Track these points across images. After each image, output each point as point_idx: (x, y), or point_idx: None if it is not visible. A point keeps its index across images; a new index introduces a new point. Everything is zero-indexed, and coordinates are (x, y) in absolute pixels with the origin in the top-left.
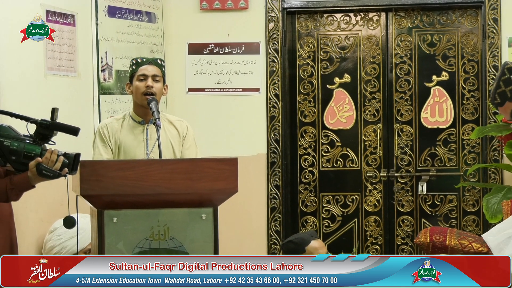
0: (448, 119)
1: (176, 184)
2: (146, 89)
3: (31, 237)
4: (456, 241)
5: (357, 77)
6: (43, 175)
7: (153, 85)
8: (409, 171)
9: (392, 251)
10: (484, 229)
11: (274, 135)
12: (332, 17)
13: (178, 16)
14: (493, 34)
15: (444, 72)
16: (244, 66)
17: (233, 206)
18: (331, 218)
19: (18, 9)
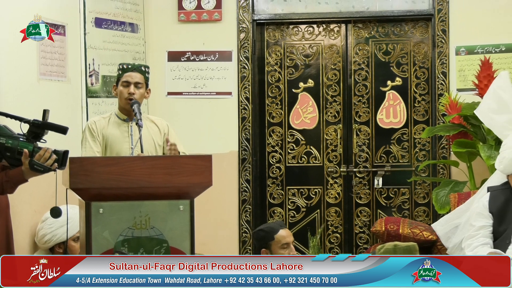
0: (401, 120)
1: (156, 179)
2: (128, 95)
3: (25, 226)
4: (409, 229)
5: (319, 82)
6: (35, 170)
7: (135, 92)
8: (366, 167)
9: (350, 239)
10: (433, 219)
11: (245, 134)
12: (297, 28)
13: (158, 26)
14: (442, 43)
15: (398, 78)
16: (218, 72)
17: (208, 199)
18: (296, 209)
19: (12, 20)
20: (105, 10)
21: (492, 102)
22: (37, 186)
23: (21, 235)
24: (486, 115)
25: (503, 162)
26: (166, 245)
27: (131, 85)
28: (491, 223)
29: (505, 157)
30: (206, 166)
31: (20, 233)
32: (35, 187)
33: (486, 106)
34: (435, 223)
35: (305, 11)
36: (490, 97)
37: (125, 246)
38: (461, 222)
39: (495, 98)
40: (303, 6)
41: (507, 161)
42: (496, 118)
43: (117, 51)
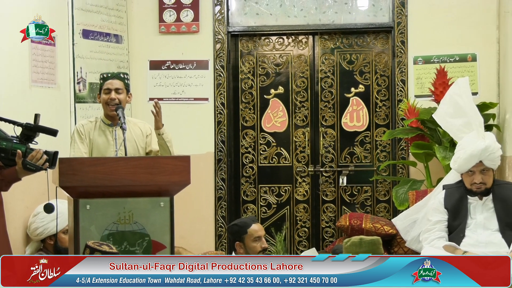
0: (364, 124)
1: (139, 177)
2: (110, 101)
3: (18, 221)
4: (371, 224)
5: (289, 89)
6: (28, 169)
7: (116, 97)
8: (332, 167)
9: (317, 233)
10: (393, 215)
11: (220, 137)
12: (269, 39)
13: (141, 38)
14: (401, 53)
15: (361, 85)
16: (195, 80)
17: (186, 196)
18: (267, 206)
19: (5, 30)
20: (92, 23)
21: (449, 107)
22: (28, 184)
23: (15, 229)
24: (443, 119)
25: (458, 161)
26: (148, 238)
27: (112, 91)
28: (446, 218)
29: (460, 157)
30: (184, 166)
31: (14, 227)
32: (27, 185)
33: (443, 110)
34: (395, 218)
35: (276, 24)
36: (447, 102)
37: (110, 240)
38: (419, 217)
39: (451, 103)
40: (274, 19)
41: (461, 161)
42: (452, 121)
43: (103, 60)
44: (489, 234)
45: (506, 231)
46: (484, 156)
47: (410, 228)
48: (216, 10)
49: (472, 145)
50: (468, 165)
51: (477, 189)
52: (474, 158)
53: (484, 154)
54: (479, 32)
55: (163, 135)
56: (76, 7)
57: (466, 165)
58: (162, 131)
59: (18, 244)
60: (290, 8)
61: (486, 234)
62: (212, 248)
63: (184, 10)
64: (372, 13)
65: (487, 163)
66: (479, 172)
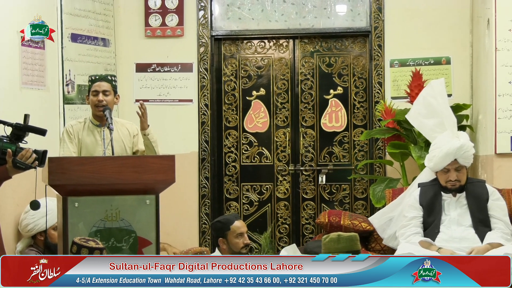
0: (342, 124)
1: (125, 176)
2: (98, 103)
3: (9, 217)
4: (349, 221)
5: (270, 90)
6: (17, 167)
7: (103, 99)
8: (312, 166)
9: (298, 229)
10: (371, 212)
11: (204, 137)
12: (251, 43)
13: (127, 41)
14: (378, 57)
15: (339, 87)
16: (180, 82)
17: (171, 194)
18: (249, 203)
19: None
20: (80, 27)
21: (422, 108)
22: (19, 182)
23: (6, 225)
24: (416, 119)
25: (433, 160)
26: (134, 235)
27: (99, 93)
28: (422, 214)
29: (435, 156)
30: (169, 165)
31: (5, 223)
32: (17, 184)
33: (417, 111)
34: (372, 217)
35: (258, 28)
36: (420, 103)
37: (97, 236)
38: (395, 215)
39: (424, 104)
40: (256, 24)
41: (437, 159)
42: (425, 121)
43: (91, 63)
44: (463, 230)
45: (479, 227)
46: (459, 154)
47: (387, 226)
48: (200, 14)
49: (447, 144)
50: (443, 163)
51: (452, 186)
52: (450, 156)
53: (459, 153)
54: (453, 36)
55: (149, 136)
56: (65, 11)
57: (441, 163)
58: (147, 132)
59: (10, 241)
60: (271, 13)
61: (460, 230)
62: (196, 244)
63: (169, 15)
64: (350, 18)
65: (461, 161)
66: (454, 170)
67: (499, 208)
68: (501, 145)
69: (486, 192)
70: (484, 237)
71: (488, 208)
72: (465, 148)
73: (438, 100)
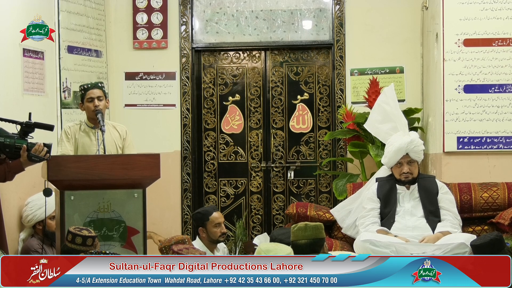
0: (308, 126)
1: (116, 172)
2: (95, 108)
3: (13, 209)
4: (315, 212)
5: (244, 96)
6: (32, 160)
7: (99, 104)
8: (281, 163)
9: (269, 219)
10: (334, 204)
11: (186, 137)
12: (227, 54)
13: (118, 52)
14: (339, 66)
15: (306, 93)
16: (164, 88)
17: (157, 188)
18: (226, 196)
19: (0, 46)
20: (76, 40)
21: (377, 115)
22: (21, 178)
23: (10, 217)
24: (373, 126)
25: (387, 156)
26: (124, 224)
27: (94, 99)
28: (379, 206)
29: (389, 152)
30: (155, 162)
31: (9, 215)
32: (19, 179)
33: (373, 118)
34: (333, 209)
35: (233, 41)
36: (376, 110)
37: (91, 226)
38: (353, 208)
39: (379, 111)
40: (232, 37)
41: (390, 154)
42: (381, 127)
43: (85, 72)
44: (416, 219)
45: (430, 217)
46: (410, 149)
47: (346, 217)
48: (182, 29)
49: (399, 140)
50: (396, 158)
51: (405, 178)
52: (401, 151)
53: (409, 147)
54: (406, 49)
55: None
56: (62, 26)
57: (394, 158)
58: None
59: (13, 230)
60: (245, 27)
61: (413, 220)
62: (179, 232)
63: (154, 29)
64: (315, 32)
65: (412, 155)
66: (406, 163)
67: (448, 201)
68: (448, 145)
69: (436, 186)
70: (435, 226)
71: (438, 200)
72: (415, 143)
73: (391, 105)
